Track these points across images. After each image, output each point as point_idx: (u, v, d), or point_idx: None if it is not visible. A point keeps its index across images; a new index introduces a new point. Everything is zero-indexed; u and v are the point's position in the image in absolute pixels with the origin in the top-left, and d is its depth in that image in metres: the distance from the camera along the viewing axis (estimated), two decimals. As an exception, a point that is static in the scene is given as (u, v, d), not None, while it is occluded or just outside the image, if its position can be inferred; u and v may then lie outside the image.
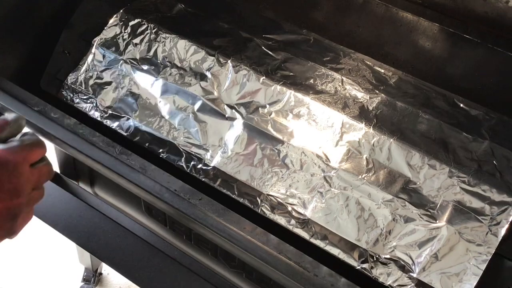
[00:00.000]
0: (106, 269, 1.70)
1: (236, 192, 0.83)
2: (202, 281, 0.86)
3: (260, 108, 0.87)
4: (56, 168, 1.16)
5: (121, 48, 0.97)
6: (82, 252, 1.51)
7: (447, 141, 0.81)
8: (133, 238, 0.91)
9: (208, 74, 0.92)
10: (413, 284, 0.72)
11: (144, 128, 0.91)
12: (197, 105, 0.90)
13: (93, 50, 0.99)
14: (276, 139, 0.85)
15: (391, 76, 0.90)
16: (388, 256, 0.74)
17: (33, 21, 0.99)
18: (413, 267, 0.73)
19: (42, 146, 0.62)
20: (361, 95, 0.88)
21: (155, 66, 0.95)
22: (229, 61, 0.91)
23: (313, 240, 0.78)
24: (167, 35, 0.96)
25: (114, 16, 1.00)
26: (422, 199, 0.77)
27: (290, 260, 0.71)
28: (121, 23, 0.99)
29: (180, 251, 0.90)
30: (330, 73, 0.91)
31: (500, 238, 0.73)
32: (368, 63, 0.92)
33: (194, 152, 0.87)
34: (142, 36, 0.97)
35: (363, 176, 0.80)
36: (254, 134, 0.86)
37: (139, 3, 1.04)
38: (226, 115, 0.88)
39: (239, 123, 0.87)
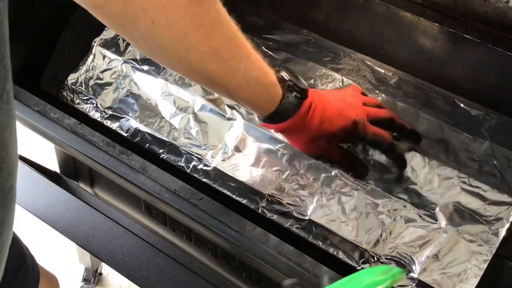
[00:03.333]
0: (106, 269, 1.70)
1: (236, 192, 0.83)
2: (202, 281, 0.86)
3: (260, 108, 0.87)
4: (56, 168, 1.16)
5: (121, 48, 0.97)
6: (82, 252, 1.51)
7: (447, 141, 0.81)
8: (133, 238, 0.91)
9: (208, 74, 0.91)
10: (413, 284, 0.72)
11: (144, 128, 0.91)
12: (197, 106, 0.90)
13: (94, 50, 0.98)
14: (276, 139, 0.84)
15: (391, 76, 0.90)
16: (388, 257, 0.74)
17: (33, 21, 0.99)
18: (413, 267, 0.73)
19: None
20: (361, 95, 0.88)
21: (155, 66, 0.95)
22: (229, 61, 0.91)
23: (313, 240, 0.78)
24: (167, 35, 0.96)
25: (114, 16, 1.00)
26: (422, 199, 0.77)
27: (290, 260, 0.71)
28: (121, 23, 0.99)
29: (180, 251, 0.90)
30: (330, 73, 0.91)
31: (500, 238, 0.73)
32: (368, 63, 0.92)
33: (195, 153, 0.87)
34: (142, 36, 0.97)
35: (363, 176, 0.80)
36: (255, 134, 0.85)
37: (139, 3, 1.03)
38: (227, 116, 0.88)
39: (239, 123, 0.87)
